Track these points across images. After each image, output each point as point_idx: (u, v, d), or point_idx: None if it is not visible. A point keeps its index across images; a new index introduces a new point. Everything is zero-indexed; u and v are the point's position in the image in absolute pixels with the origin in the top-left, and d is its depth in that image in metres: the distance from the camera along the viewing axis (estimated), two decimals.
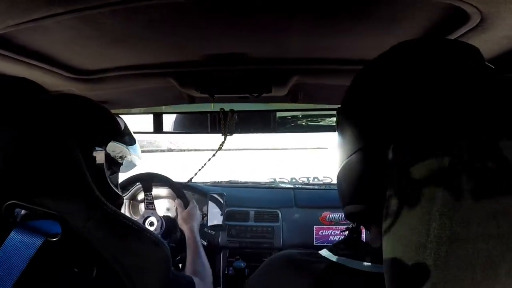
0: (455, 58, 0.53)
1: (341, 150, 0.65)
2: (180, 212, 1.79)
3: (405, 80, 0.52)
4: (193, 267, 1.41)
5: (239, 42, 1.05)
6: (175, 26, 0.91)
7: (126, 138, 1.09)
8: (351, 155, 0.60)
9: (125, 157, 1.07)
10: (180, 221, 1.76)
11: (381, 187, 0.50)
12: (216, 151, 1.97)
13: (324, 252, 0.66)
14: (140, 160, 1.23)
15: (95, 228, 0.83)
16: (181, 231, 1.89)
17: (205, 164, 2.12)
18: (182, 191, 1.93)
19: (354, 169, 0.60)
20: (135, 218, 2.03)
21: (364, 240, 0.71)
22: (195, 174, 2.21)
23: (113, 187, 1.01)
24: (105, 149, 0.97)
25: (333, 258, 0.63)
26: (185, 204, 1.82)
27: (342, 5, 0.81)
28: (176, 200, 1.90)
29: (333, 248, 0.66)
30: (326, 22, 0.90)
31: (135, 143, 1.19)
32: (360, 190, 0.60)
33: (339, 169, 0.66)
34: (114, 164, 1.03)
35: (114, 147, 1.01)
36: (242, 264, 1.91)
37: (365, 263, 0.59)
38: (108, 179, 0.99)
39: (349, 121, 0.63)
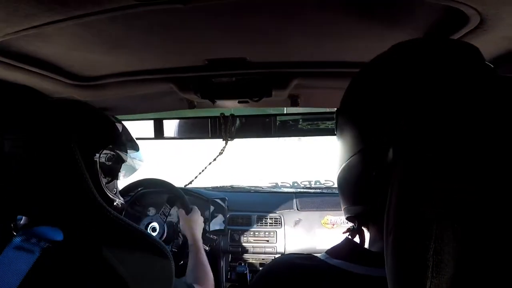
0: (454, 58, 0.53)
1: (341, 151, 0.65)
2: (182, 218, 1.77)
3: (403, 80, 0.52)
4: (194, 274, 1.41)
5: (238, 46, 1.06)
6: (175, 31, 0.91)
7: (126, 143, 1.09)
8: (351, 157, 0.60)
9: (123, 162, 1.07)
10: (182, 227, 1.75)
11: (382, 188, 0.50)
12: (217, 156, 1.97)
13: (322, 256, 0.65)
14: (143, 163, 1.23)
15: (97, 234, 0.83)
16: (183, 237, 1.89)
17: (205, 168, 2.11)
18: (184, 197, 1.92)
19: (354, 170, 0.60)
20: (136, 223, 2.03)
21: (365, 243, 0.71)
22: (195, 177, 2.20)
23: (108, 193, 0.99)
24: (103, 155, 0.97)
25: (332, 261, 0.63)
26: (187, 210, 1.81)
27: (341, 9, 0.81)
28: (178, 206, 1.90)
29: (332, 251, 0.65)
30: (325, 25, 0.91)
31: (137, 147, 1.19)
32: (360, 191, 0.60)
33: (339, 171, 0.66)
34: (111, 170, 1.02)
35: (113, 152, 1.01)
36: (244, 269, 1.91)
37: (364, 267, 0.58)
38: (102, 185, 0.97)
39: (348, 122, 0.63)
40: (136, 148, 1.18)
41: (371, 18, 0.86)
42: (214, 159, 1.99)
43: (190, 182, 2.28)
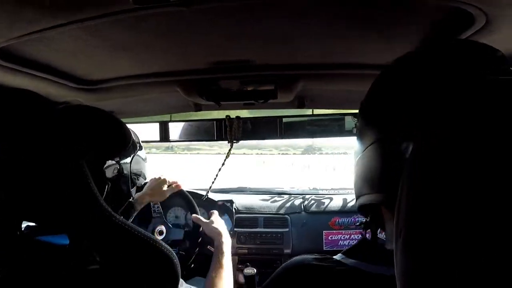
0: (472, 61, 0.53)
1: (360, 143, 0.66)
2: (204, 223, 1.68)
3: (419, 84, 0.53)
4: (212, 281, 1.31)
5: (244, 49, 1.05)
6: (179, 34, 0.91)
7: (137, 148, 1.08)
8: (369, 146, 0.60)
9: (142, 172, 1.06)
10: (209, 232, 1.64)
11: (396, 177, 0.50)
12: (225, 160, 1.96)
13: (338, 257, 0.65)
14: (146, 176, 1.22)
15: (103, 239, 0.83)
16: (190, 240, 1.89)
17: (217, 176, 2.10)
18: (192, 200, 1.92)
19: (370, 159, 0.60)
20: (142, 227, 2.03)
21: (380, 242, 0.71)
22: (212, 183, 2.17)
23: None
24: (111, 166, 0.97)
25: (347, 261, 0.63)
26: (194, 212, 1.81)
27: (347, 11, 0.81)
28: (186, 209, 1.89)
29: (347, 252, 0.66)
30: (331, 28, 0.90)
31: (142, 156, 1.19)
32: (377, 179, 0.60)
33: (356, 160, 0.67)
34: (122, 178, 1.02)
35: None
36: (253, 271, 1.90)
37: (380, 266, 0.58)
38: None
39: (367, 120, 0.63)
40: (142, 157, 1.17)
41: (377, 20, 0.86)
42: (223, 164, 1.97)
43: (207, 193, 2.25)
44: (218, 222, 1.66)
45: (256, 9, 0.78)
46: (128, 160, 1.02)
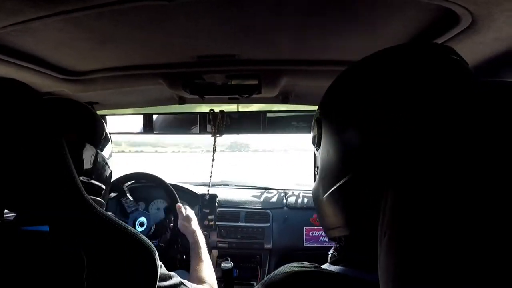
0: (438, 69, 0.53)
1: (327, 172, 0.64)
2: (179, 218, 1.71)
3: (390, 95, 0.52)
4: (196, 273, 1.36)
5: (227, 43, 1.06)
6: (162, 27, 0.92)
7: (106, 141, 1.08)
8: (341, 181, 0.58)
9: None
10: (181, 228, 1.67)
11: (371, 213, 0.51)
12: (213, 155, 1.95)
13: (325, 265, 0.66)
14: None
15: (84, 230, 0.83)
16: (171, 231, 1.90)
17: (211, 173, 2.09)
18: (173, 191, 1.93)
19: (345, 196, 0.59)
20: (123, 219, 2.03)
21: None
22: (210, 178, 2.16)
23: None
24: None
25: (332, 268, 0.63)
26: (174, 203, 1.82)
27: (331, 7, 0.82)
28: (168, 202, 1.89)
29: (331, 259, 0.66)
30: (315, 23, 0.91)
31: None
32: (350, 216, 0.59)
33: (326, 195, 0.64)
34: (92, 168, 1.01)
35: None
36: (229, 265, 1.92)
37: (358, 271, 0.59)
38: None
39: (336, 142, 0.61)
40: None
41: (361, 17, 0.87)
42: (213, 159, 1.97)
43: (209, 186, 2.24)
44: (190, 218, 1.67)
45: (236, 3, 0.79)
46: (101, 150, 1.02)
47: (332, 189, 0.61)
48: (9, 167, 0.77)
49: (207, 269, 1.39)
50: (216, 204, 2.22)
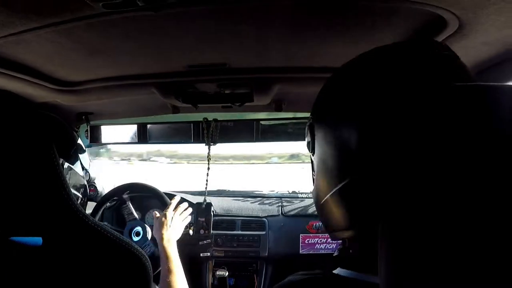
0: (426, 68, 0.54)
1: (325, 176, 0.64)
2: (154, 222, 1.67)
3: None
4: (165, 284, 1.34)
5: (217, 52, 1.07)
6: (151, 37, 0.92)
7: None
8: (340, 185, 0.58)
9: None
10: (154, 233, 1.63)
11: (372, 214, 0.52)
12: (208, 164, 1.94)
13: (336, 271, 0.66)
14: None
15: (75, 240, 0.83)
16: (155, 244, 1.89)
17: (207, 181, 2.08)
18: (168, 201, 1.93)
19: (345, 199, 0.59)
20: (119, 229, 2.02)
21: None
22: (206, 188, 2.15)
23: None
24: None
25: (340, 271, 0.64)
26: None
27: (320, 14, 0.83)
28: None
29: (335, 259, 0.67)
30: (304, 31, 0.92)
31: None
32: (351, 217, 0.59)
33: (324, 200, 0.64)
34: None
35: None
36: (224, 273, 1.91)
37: (360, 274, 0.60)
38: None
39: (331, 147, 0.61)
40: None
41: (350, 24, 0.88)
42: (208, 168, 1.96)
43: (205, 195, 2.23)
44: (162, 225, 1.60)
45: (223, 14, 0.80)
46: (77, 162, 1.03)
47: (330, 193, 0.61)
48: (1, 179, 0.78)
49: (176, 281, 1.35)
50: (212, 212, 2.21)
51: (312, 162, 0.73)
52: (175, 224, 1.64)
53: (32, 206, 0.80)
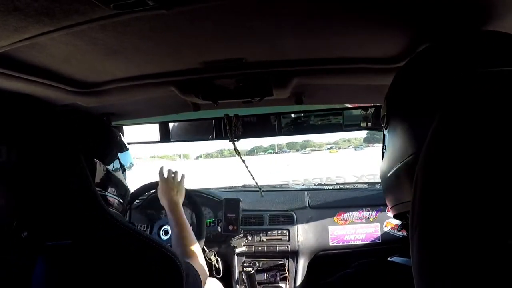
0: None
1: (394, 150, 0.67)
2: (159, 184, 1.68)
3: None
4: (181, 248, 1.33)
5: (234, 47, 1.05)
6: (166, 36, 0.91)
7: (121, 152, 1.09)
8: (406, 158, 0.61)
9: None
10: (160, 198, 1.63)
11: None
12: (241, 158, 1.92)
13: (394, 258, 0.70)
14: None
15: (105, 243, 0.84)
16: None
17: (251, 173, 2.06)
18: (195, 198, 1.93)
19: (410, 172, 0.59)
20: (145, 224, 2.05)
21: None
22: (255, 180, 2.13)
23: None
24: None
25: (397, 259, 0.68)
26: (197, 212, 1.83)
27: (338, 5, 0.79)
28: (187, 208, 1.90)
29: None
30: (319, 22, 0.89)
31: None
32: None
33: (391, 173, 0.68)
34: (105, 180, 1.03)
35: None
36: (252, 269, 1.90)
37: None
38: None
39: (403, 124, 0.64)
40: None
41: (368, 14, 0.84)
42: (243, 161, 1.93)
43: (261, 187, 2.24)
44: (169, 186, 1.62)
45: (235, 8, 0.78)
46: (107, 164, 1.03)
47: (397, 166, 0.66)
48: (30, 185, 0.79)
49: (187, 236, 1.39)
50: (240, 208, 2.21)
51: (384, 136, 0.80)
52: (179, 187, 1.65)
53: (62, 211, 0.82)
